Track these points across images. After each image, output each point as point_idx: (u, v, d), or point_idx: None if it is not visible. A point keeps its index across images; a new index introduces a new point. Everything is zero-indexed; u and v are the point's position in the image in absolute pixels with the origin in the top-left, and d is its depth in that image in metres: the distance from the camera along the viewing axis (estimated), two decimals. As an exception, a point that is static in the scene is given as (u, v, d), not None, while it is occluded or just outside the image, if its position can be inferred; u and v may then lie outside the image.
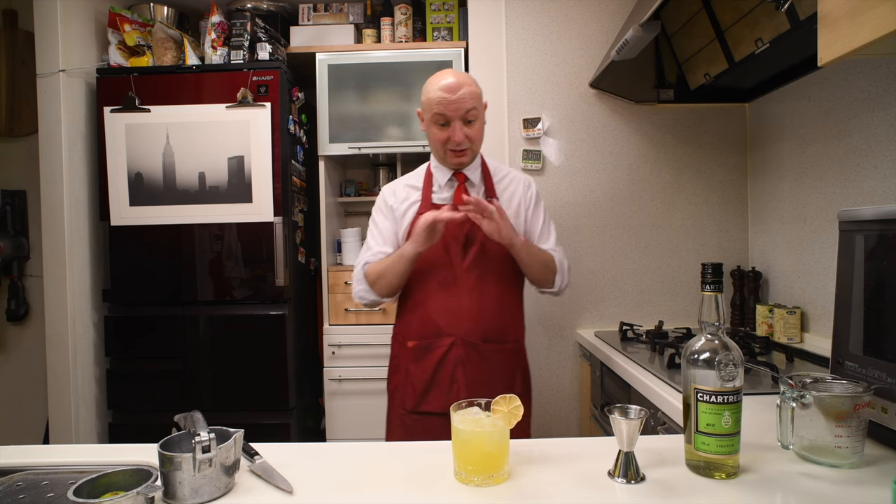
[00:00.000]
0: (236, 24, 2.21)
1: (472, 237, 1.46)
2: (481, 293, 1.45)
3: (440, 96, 1.41)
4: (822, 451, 0.86)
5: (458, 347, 1.43)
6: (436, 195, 1.52)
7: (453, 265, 1.45)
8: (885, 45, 0.87)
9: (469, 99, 1.41)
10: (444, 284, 1.45)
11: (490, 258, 1.46)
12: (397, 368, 1.54)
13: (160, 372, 2.17)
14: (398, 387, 1.52)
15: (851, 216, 1.02)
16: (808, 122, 1.82)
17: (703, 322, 0.86)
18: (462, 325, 1.44)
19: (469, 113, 1.42)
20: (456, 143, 1.42)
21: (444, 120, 1.42)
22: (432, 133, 1.47)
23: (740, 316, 2.09)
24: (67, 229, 2.14)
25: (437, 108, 1.41)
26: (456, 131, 1.42)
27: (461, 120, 1.42)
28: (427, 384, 1.45)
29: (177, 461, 0.77)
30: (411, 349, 1.48)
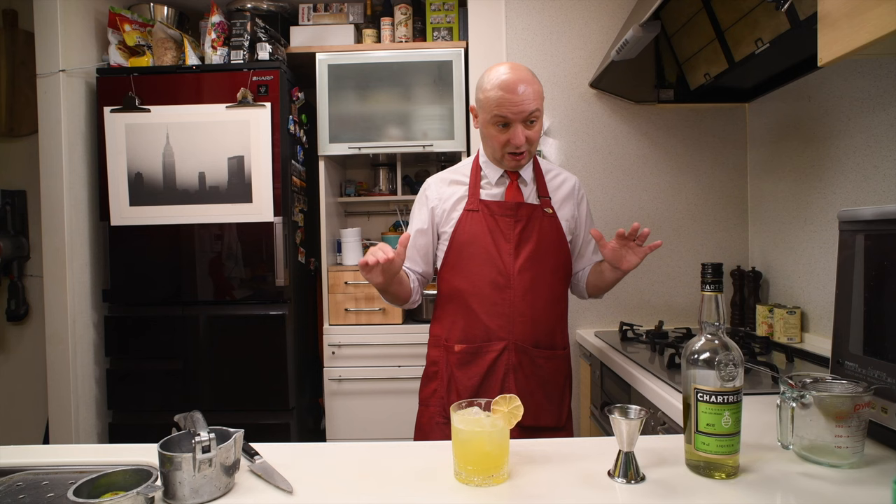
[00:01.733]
0: (236, 24, 2.21)
1: (527, 235, 1.38)
2: (535, 296, 1.37)
3: (501, 96, 1.29)
4: (822, 451, 0.86)
5: (511, 353, 1.35)
6: (485, 191, 1.42)
7: (505, 265, 1.36)
8: (885, 45, 0.87)
9: (532, 99, 1.30)
10: (496, 285, 1.36)
11: (543, 259, 1.39)
12: (436, 375, 1.43)
13: (160, 372, 2.17)
14: (437, 393, 1.42)
15: (851, 216, 1.02)
16: (808, 122, 1.82)
17: (703, 322, 0.86)
18: (515, 328, 1.35)
19: (532, 115, 1.32)
20: (516, 146, 1.33)
21: (505, 122, 1.32)
22: (489, 133, 1.36)
23: (740, 316, 2.09)
24: (67, 229, 2.14)
25: (498, 109, 1.30)
26: (517, 134, 1.31)
27: (523, 122, 1.32)
28: (474, 391, 1.36)
29: (177, 461, 0.77)
30: (458, 354, 1.38)
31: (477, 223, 1.38)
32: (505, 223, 1.37)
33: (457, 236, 1.40)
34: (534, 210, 1.40)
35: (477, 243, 1.37)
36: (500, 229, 1.37)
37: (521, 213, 1.39)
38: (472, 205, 1.40)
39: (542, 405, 1.37)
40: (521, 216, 1.38)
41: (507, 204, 1.39)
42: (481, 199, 1.41)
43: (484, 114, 1.35)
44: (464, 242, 1.39)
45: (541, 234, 1.39)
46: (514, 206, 1.39)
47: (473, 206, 1.40)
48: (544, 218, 1.41)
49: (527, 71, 1.34)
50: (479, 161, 1.47)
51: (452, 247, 1.41)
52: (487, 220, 1.38)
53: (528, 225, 1.38)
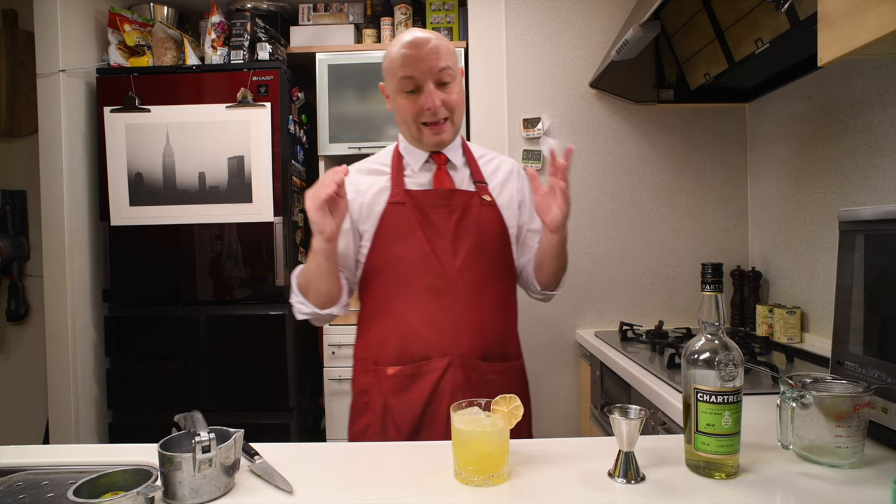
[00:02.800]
0: (236, 24, 2.21)
1: (465, 228, 1.16)
2: (480, 299, 1.15)
3: (404, 54, 1.12)
4: (822, 451, 0.86)
5: (457, 369, 1.11)
6: (409, 179, 1.21)
7: (443, 265, 1.14)
8: (885, 45, 0.87)
9: (441, 53, 1.12)
10: (433, 290, 1.13)
11: (486, 255, 1.17)
12: (367, 406, 1.17)
13: (160, 372, 2.17)
14: (370, 429, 1.15)
15: (851, 216, 1.02)
16: (808, 122, 1.82)
17: (703, 322, 0.86)
18: (460, 340, 1.12)
19: (444, 72, 1.12)
20: (431, 110, 1.13)
21: (413, 85, 1.13)
22: (400, 106, 1.17)
23: (740, 316, 2.09)
24: (67, 229, 2.14)
25: (403, 70, 1.12)
26: (430, 96, 1.12)
27: (434, 81, 1.13)
28: (417, 423, 1.11)
29: (177, 461, 0.77)
30: (392, 378, 1.13)
31: (404, 217, 1.15)
32: (438, 215, 1.16)
33: (381, 234, 1.16)
34: (470, 198, 1.19)
35: (406, 241, 1.14)
36: (432, 223, 1.15)
37: (456, 203, 1.17)
38: (397, 196, 1.17)
39: None
40: (456, 206, 1.17)
41: (437, 192, 1.18)
42: (406, 188, 1.19)
43: (391, 83, 1.17)
44: (390, 241, 1.16)
45: (481, 225, 1.17)
46: (446, 195, 1.18)
47: (398, 197, 1.17)
48: (483, 207, 1.19)
49: (435, 32, 1.17)
50: (398, 149, 1.26)
51: (376, 247, 1.17)
52: (416, 214, 1.15)
53: (465, 216, 1.16)
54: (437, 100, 1.13)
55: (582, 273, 2.27)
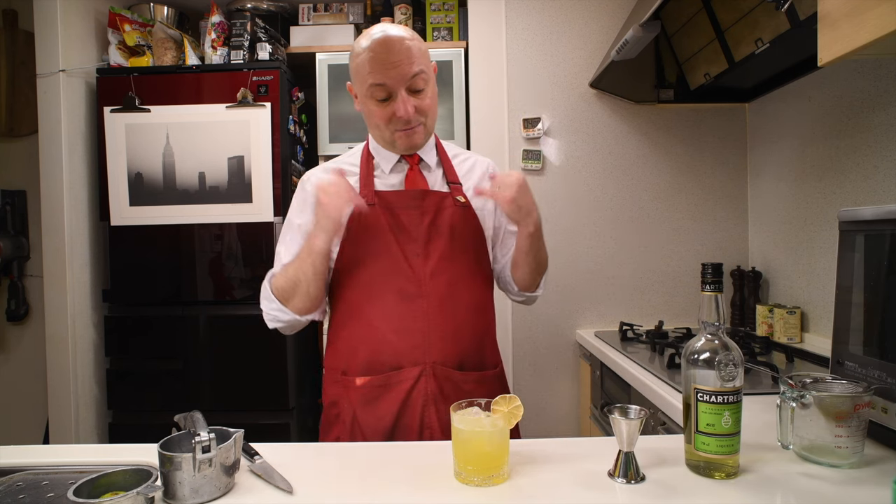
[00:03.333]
0: (236, 24, 2.21)
1: (438, 230, 1.12)
2: (454, 304, 1.11)
3: (373, 57, 1.05)
4: (822, 451, 0.86)
5: (429, 380, 1.07)
6: (380, 181, 1.17)
7: (414, 269, 1.10)
8: (885, 45, 0.87)
9: (413, 57, 1.06)
10: (404, 296, 1.09)
11: (460, 258, 1.13)
12: (338, 418, 1.13)
13: (160, 372, 2.17)
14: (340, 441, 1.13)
15: (851, 216, 1.02)
16: (808, 122, 1.82)
17: (703, 322, 0.86)
18: (432, 348, 1.08)
19: (417, 78, 1.07)
20: (404, 120, 1.08)
21: (385, 93, 1.07)
22: (371, 111, 1.11)
23: (740, 316, 2.09)
24: (67, 229, 2.14)
25: (373, 77, 1.05)
26: (402, 104, 1.07)
27: (406, 88, 1.07)
28: (387, 436, 1.08)
29: (177, 461, 0.77)
30: (360, 389, 1.09)
31: (373, 220, 1.11)
32: (409, 217, 1.11)
33: (349, 237, 1.11)
34: (443, 199, 1.15)
35: (375, 244, 1.11)
36: (402, 225, 1.11)
37: (428, 204, 1.13)
38: (366, 197, 1.12)
39: None
40: (428, 207, 1.12)
41: (409, 193, 1.14)
42: (376, 189, 1.15)
43: (359, 86, 1.10)
44: (359, 244, 1.11)
45: (454, 227, 1.13)
46: (418, 196, 1.13)
47: (367, 199, 1.12)
48: (457, 208, 1.15)
49: (404, 28, 1.10)
50: (368, 148, 1.21)
51: (344, 251, 1.12)
52: (386, 216, 1.11)
53: (438, 217, 1.12)
54: (411, 107, 1.08)
55: (582, 273, 2.27)
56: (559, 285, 2.27)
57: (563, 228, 2.26)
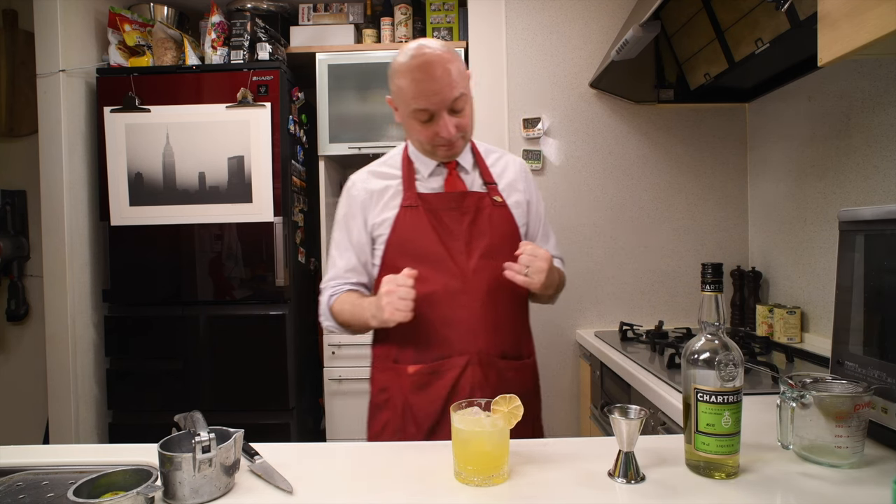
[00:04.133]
0: (236, 24, 2.21)
1: (478, 230, 1.19)
2: (496, 299, 1.18)
3: (417, 89, 1.10)
4: (822, 451, 0.86)
5: (475, 367, 1.14)
6: (421, 184, 1.22)
7: (458, 266, 1.17)
8: (885, 45, 0.87)
9: (454, 81, 1.11)
10: (450, 291, 1.16)
11: (499, 255, 1.18)
12: (387, 403, 1.20)
13: (160, 372, 2.17)
14: (389, 425, 1.19)
15: (851, 216, 1.02)
16: (809, 122, 1.82)
17: (703, 322, 0.86)
18: (478, 339, 1.15)
19: (458, 101, 1.12)
20: (446, 139, 1.15)
21: (428, 115, 1.13)
22: (412, 128, 1.17)
23: (740, 316, 2.09)
24: (67, 229, 2.13)
25: (416, 101, 1.11)
26: (444, 126, 1.13)
27: (448, 110, 1.13)
28: (436, 419, 1.14)
29: (177, 461, 0.77)
30: (413, 376, 1.16)
31: (417, 221, 1.18)
32: (450, 218, 1.18)
33: (395, 238, 1.19)
34: (481, 199, 1.21)
35: (420, 244, 1.17)
36: (445, 225, 1.18)
37: (468, 205, 1.20)
38: (409, 200, 1.19)
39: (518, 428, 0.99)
40: (468, 208, 1.19)
41: (449, 195, 1.20)
42: (419, 192, 1.21)
43: (402, 106, 1.16)
44: (405, 244, 1.18)
45: (493, 226, 1.20)
46: (458, 197, 1.20)
47: (411, 201, 1.19)
48: (494, 208, 1.22)
49: (443, 49, 1.13)
50: (407, 153, 1.26)
51: (390, 251, 1.20)
52: (429, 217, 1.18)
53: (478, 217, 1.19)
54: (453, 128, 1.14)
55: (582, 273, 2.27)
56: (559, 285, 2.27)
57: (563, 228, 2.26)
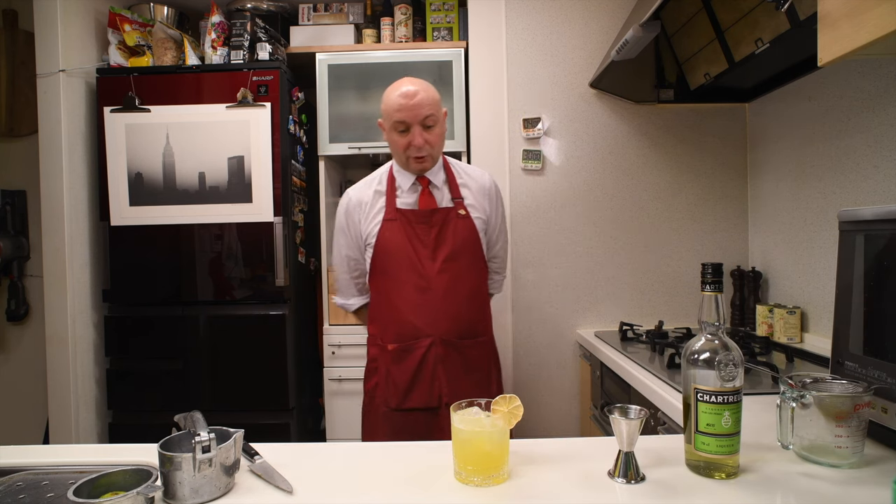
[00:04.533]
0: (236, 24, 2.21)
1: (442, 239, 1.51)
2: (455, 294, 1.50)
3: (399, 102, 1.44)
4: (822, 451, 0.86)
5: (437, 347, 1.48)
6: (400, 200, 1.54)
7: (425, 268, 1.49)
8: (885, 45, 0.87)
9: (427, 104, 1.45)
10: (418, 288, 1.49)
11: (459, 259, 1.51)
12: (376, 370, 1.57)
13: (160, 372, 2.17)
14: (379, 386, 1.55)
15: (851, 216, 1.02)
16: (808, 122, 1.82)
17: (703, 322, 0.86)
18: (439, 325, 1.48)
19: (428, 118, 1.46)
20: (416, 147, 1.46)
21: (404, 126, 1.45)
22: (393, 140, 1.50)
23: (740, 316, 2.09)
24: (67, 229, 2.13)
25: (397, 114, 1.45)
26: (416, 136, 1.45)
27: (420, 125, 1.46)
28: (409, 384, 1.49)
29: (177, 461, 0.77)
30: (391, 352, 1.51)
31: (396, 231, 1.50)
32: (421, 230, 1.50)
33: (380, 245, 1.51)
34: (448, 214, 1.52)
35: (398, 250, 1.49)
36: (417, 236, 1.49)
37: (436, 219, 1.51)
38: (390, 214, 1.52)
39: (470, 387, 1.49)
40: (436, 222, 1.50)
41: (421, 212, 1.51)
42: (397, 207, 1.52)
43: (387, 122, 1.50)
44: (387, 250, 1.51)
45: (455, 235, 1.51)
46: (427, 214, 1.51)
47: (391, 215, 1.52)
48: (458, 220, 1.53)
49: (424, 83, 1.49)
50: (392, 171, 1.58)
51: (377, 255, 1.53)
52: (405, 228, 1.50)
53: (443, 229, 1.51)
54: (421, 139, 1.46)
55: (582, 273, 2.27)
56: (559, 285, 2.27)
57: (563, 228, 2.26)
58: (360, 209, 1.56)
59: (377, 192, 1.57)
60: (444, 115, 1.53)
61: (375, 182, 1.60)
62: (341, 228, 1.61)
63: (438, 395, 1.47)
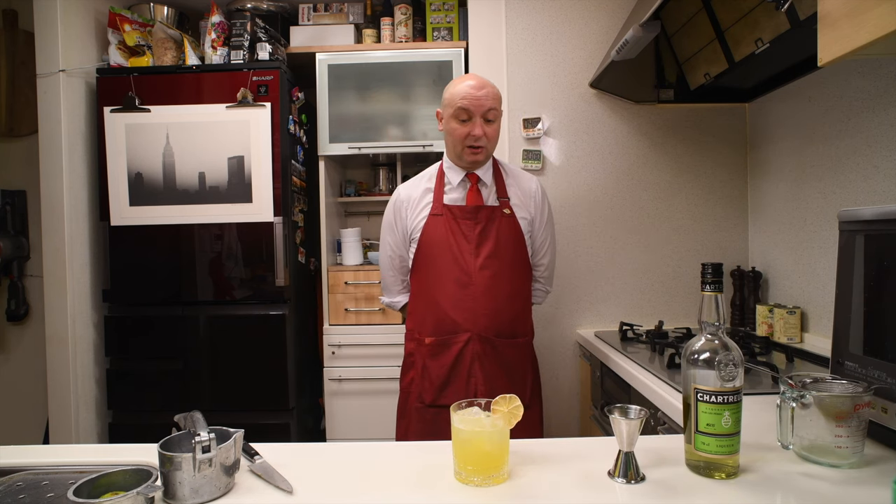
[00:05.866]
0: (236, 24, 2.21)
1: (486, 236, 1.52)
2: (495, 291, 1.50)
3: (465, 92, 1.47)
4: (822, 451, 0.86)
5: (475, 343, 1.49)
6: (448, 196, 1.56)
7: (467, 264, 1.50)
8: (885, 45, 0.87)
9: (492, 98, 1.48)
10: (459, 283, 1.50)
11: (502, 256, 1.52)
12: (413, 365, 1.58)
13: (160, 372, 2.17)
14: (415, 381, 1.56)
15: (851, 216, 1.02)
16: (808, 122, 1.82)
17: (703, 322, 0.86)
18: (478, 321, 1.49)
19: (490, 112, 1.49)
20: (475, 137, 1.47)
21: (467, 115, 1.48)
22: (452, 129, 1.51)
23: (740, 316, 2.09)
24: (67, 229, 2.13)
25: (461, 102, 1.47)
26: (477, 126, 1.47)
27: (482, 117, 1.48)
28: (445, 379, 1.50)
29: (177, 461, 0.77)
30: (428, 346, 1.52)
31: (441, 226, 1.52)
32: (466, 226, 1.51)
33: (424, 239, 1.54)
34: (493, 212, 1.53)
35: (441, 245, 1.51)
36: (461, 231, 1.51)
37: (481, 216, 1.52)
38: (437, 209, 1.54)
39: (506, 387, 1.47)
40: (481, 218, 1.52)
41: (467, 208, 1.53)
42: (444, 203, 1.55)
43: (448, 109, 1.51)
44: (430, 245, 1.53)
45: (499, 233, 1.52)
46: (473, 210, 1.52)
47: (438, 210, 1.54)
48: (503, 218, 1.54)
49: (489, 81, 1.53)
50: (442, 168, 1.61)
51: (421, 249, 1.55)
52: (450, 224, 1.52)
53: (487, 226, 1.52)
54: (481, 130, 1.48)
55: (582, 273, 2.27)
56: (559, 285, 2.27)
57: (564, 228, 2.26)
58: (409, 204, 1.59)
59: (426, 189, 1.59)
60: (501, 115, 1.56)
61: (426, 179, 1.63)
62: (389, 225, 1.64)
63: (475, 392, 1.48)
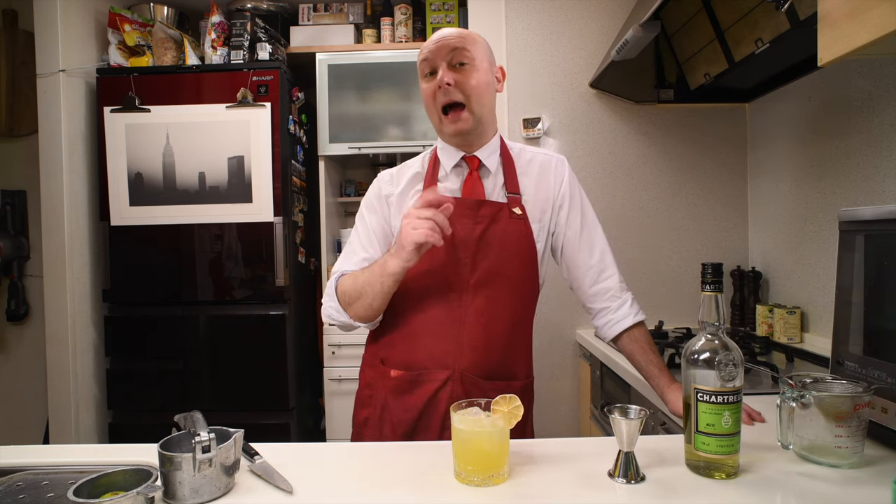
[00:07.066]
0: (236, 24, 2.21)
1: (488, 242, 1.12)
2: (491, 317, 1.12)
3: (426, 45, 1.12)
4: (822, 451, 0.86)
5: (455, 384, 1.09)
6: (441, 184, 1.16)
7: (459, 277, 1.11)
8: (885, 45, 0.87)
9: (455, 38, 1.10)
10: (445, 302, 1.11)
11: (505, 272, 1.13)
12: (370, 400, 1.18)
13: (160, 372, 2.17)
14: (369, 422, 1.17)
15: (851, 216, 1.02)
16: (808, 122, 1.82)
17: (703, 322, 0.86)
18: (463, 355, 1.10)
19: (455, 53, 1.09)
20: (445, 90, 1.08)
21: (430, 67, 1.11)
22: (422, 91, 1.15)
23: (740, 316, 2.09)
24: (67, 229, 2.13)
25: (422, 54, 1.12)
26: (442, 76, 1.08)
27: (447, 62, 1.09)
28: (410, 427, 1.11)
29: (177, 461, 0.76)
30: (394, 380, 1.13)
31: None
32: (462, 226, 1.10)
33: None
34: (499, 210, 1.13)
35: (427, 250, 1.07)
36: (454, 233, 1.08)
37: (483, 215, 1.12)
38: None
39: None
40: (482, 218, 1.12)
41: (465, 202, 1.12)
42: None
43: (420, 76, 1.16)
44: None
45: (504, 241, 1.12)
46: (473, 206, 1.12)
47: None
48: (511, 221, 1.14)
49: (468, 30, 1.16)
50: (436, 150, 1.22)
51: None
52: None
53: (490, 229, 1.11)
54: (448, 77, 1.08)
55: (582, 273, 2.27)
56: (559, 285, 2.26)
57: (563, 228, 2.26)
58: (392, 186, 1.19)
59: (416, 174, 1.19)
60: (499, 69, 1.18)
61: (417, 164, 1.22)
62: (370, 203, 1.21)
63: None
